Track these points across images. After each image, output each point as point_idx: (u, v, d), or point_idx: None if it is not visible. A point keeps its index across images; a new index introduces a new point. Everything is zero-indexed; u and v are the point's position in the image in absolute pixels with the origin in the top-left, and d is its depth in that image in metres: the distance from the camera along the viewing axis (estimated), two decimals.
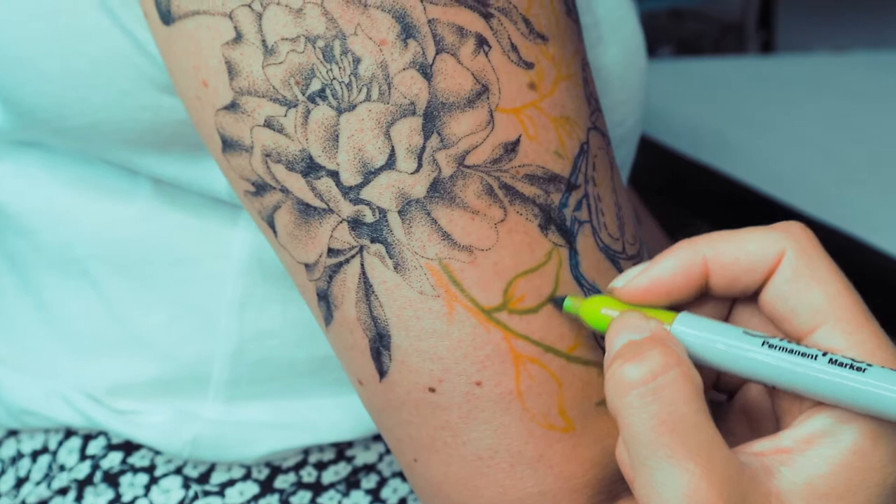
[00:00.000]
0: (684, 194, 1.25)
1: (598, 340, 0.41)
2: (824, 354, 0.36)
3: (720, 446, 0.35)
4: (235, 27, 0.39)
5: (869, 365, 0.35)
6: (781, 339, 0.37)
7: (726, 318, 0.41)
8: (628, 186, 0.91)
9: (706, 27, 2.22)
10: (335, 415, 0.57)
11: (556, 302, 0.40)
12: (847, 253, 0.96)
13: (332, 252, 0.40)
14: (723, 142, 1.15)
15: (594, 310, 0.39)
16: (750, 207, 1.09)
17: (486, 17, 0.39)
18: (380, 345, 0.41)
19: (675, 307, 0.39)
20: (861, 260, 0.95)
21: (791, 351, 0.36)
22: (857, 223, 0.96)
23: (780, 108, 1.27)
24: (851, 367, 0.35)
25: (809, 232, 0.38)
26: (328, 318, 0.42)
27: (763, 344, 0.36)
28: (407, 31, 0.39)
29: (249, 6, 0.39)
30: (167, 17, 0.41)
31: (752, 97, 1.32)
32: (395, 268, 0.39)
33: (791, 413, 0.38)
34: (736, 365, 0.37)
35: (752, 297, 0.39)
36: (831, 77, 1.40)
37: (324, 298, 0.41)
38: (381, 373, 0.41)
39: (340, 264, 0.40)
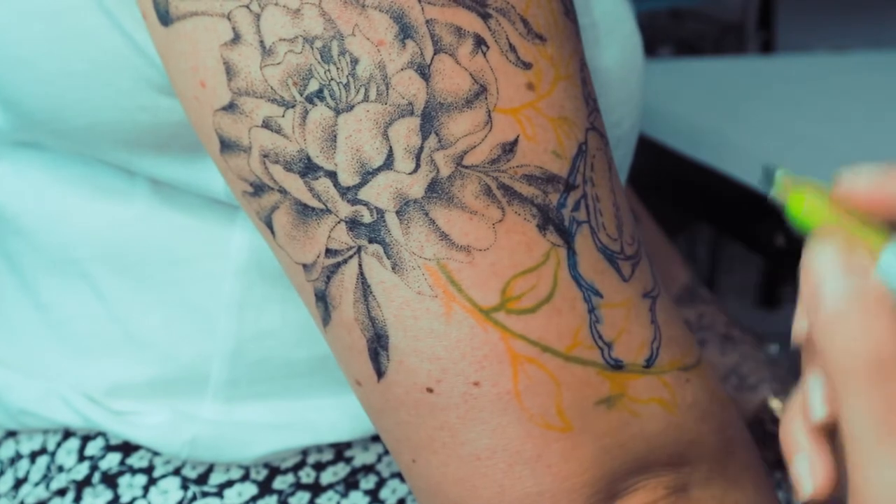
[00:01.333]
0: (684, 194, 1.25)
1: (595, 337, 0.41)
2: None
3: None
4: (233, 28, 0.39)
5: None
6: None
7: None
8: (627, 186, 0.91)
9: (706, 27, 2.22)
10: (334, 415, 0.57)
11: (767, 171, 0.33)
12: None
13: (329, 252, 0.40)
14: (723, 142, 1.15)
15: (799, 201, 0.33)
16: (750, 207, 1.09)
17: (485, 17, 0.40)
18: (378, 345, 0.41)
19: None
20: None
21: None
22: None
23: (780, 108, 1.27)
24: None
25: None
26: (326, 318, 0.42)
27: None
28: (405, 32, 0.39)
29: (247, 7, 0.39)
30: (165, 18, 0.41)
31: (752, 97, 1.32)
32: (393, 268, 0.39)
33: None
34: None
35: None
36: (831, 77, 1.40)
37: (322, 299, 0.41)
38: (379, 373, 0.41)
39: (338, 265, 0.40)
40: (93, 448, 0.57)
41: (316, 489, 0.57)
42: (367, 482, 0.58)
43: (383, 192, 0.39)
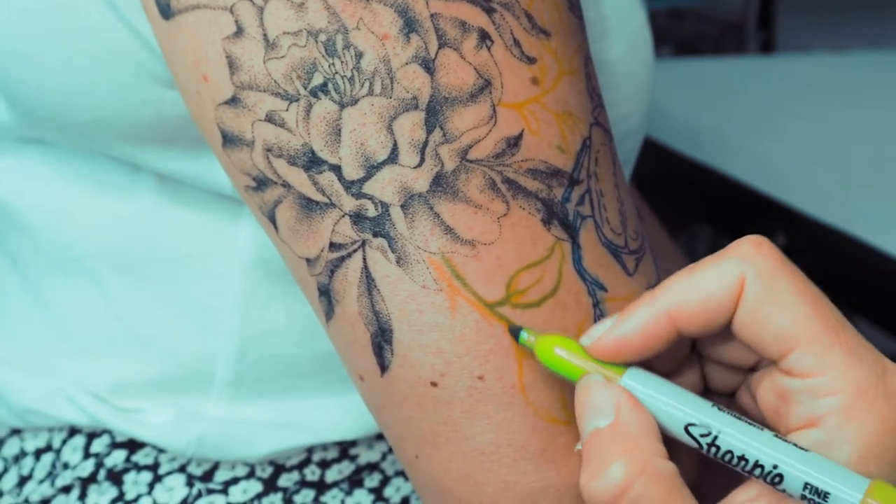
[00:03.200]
0: (684, 194, 1.25)
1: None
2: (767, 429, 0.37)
3: None
4: (236, 21, 0.39)
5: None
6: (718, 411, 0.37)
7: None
8: (631, 184, 0.91)
9: (706, 27, 2.22)
10: (338, 414, 0.57)
11: (513, 331, 0.39)
12: (847, 253, 0.96)
13: (333, 246, 0.40)
14: (723, 142, 1.15)
15: (548, 348, 0.39)
16: (750, 207, 1.09)
17: (489, 11, 0.40)
18: (381, 339, 0.41)
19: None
20: (861, 260, 0.95)
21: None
22: (857, 223, 0.96)
23: (780, 108, 1.27)
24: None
25: (766, 247, 0.37)
26: (329, 313, 0.42)
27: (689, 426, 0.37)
28: (409, 26, 0.39)
29: (250, 0, 0.39)
30: (166, 12, 0.41)
31: (752, 97, 1.32)
32: (397, 262, 0.39)
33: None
34: (674, 428, 0.37)
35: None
36: (831, 77, 1.40)
37: (325, 293, 0.41)
38: (383, 367, 0.41)
39: (342, 258, 0.40)
40: (98, 445, 0.57)
41: (321, 487, 0.57)
42: (372, 480, 0.59)
43: (388, 185, 0.39)
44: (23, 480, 0.59)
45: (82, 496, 0.57)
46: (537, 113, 0.40)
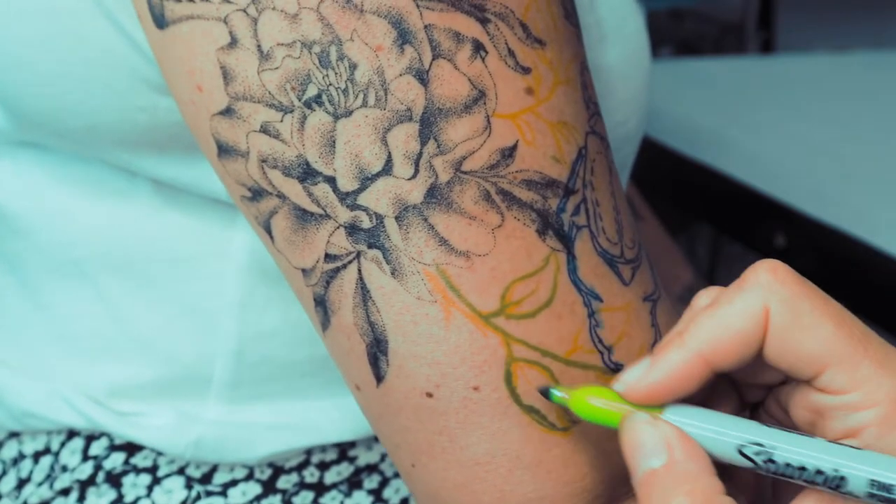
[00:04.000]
0: (684, 194, 1.25)
1: (595, 341, 0.42)
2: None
3: None
4: (230, 32, 0.39)
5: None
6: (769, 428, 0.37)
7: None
8: (631, 185, 0.91)
9: (706, 27, 2.21)
10: (337, 415, 0.57)
11: (543, 392, 0.40)
12: (847, 253, 0.96)
13: (329, 258, 0.40)
14: (723, 142, 1.15)
15: (583, 400, 0.39)
16: (750, 207, 1.09)
17: (483, 22, 0.40)
18: (377, 350, 0.41)
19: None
20: (861, 260, 0.95)
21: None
22: (857, 223, 0.96)
23: (780, 108, 1.26)
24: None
25: (782, 271, 0.38)
26: (325, 323, 0.42)
27: (743, 445, 0.37)
28: (403, 37, 0.39)
29: (244, 11, 0.39)
30: (161, 21, 0.41)
31: (752, 97, 1.32)
32: (392, 273, 0.39)
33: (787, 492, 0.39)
34: (727, 459, 0.38)
35: None
36: (831, 77, 1.40)
37: (321, 304, 0.42)
38: (379, 378, 0.41)
39: (337, 270, 0.40)
40: (97, 448, 0.58)
41: (320, 488, 0.57)
42: (371, 481, 0.59)
43: (382, 197, 0.39)
44: (21, 483, 0.59)
45: (81, 499, 0.57)
46: (532, 123, 0.40)
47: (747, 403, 0.42)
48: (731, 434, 0.37)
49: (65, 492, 0.57)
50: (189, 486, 0.56)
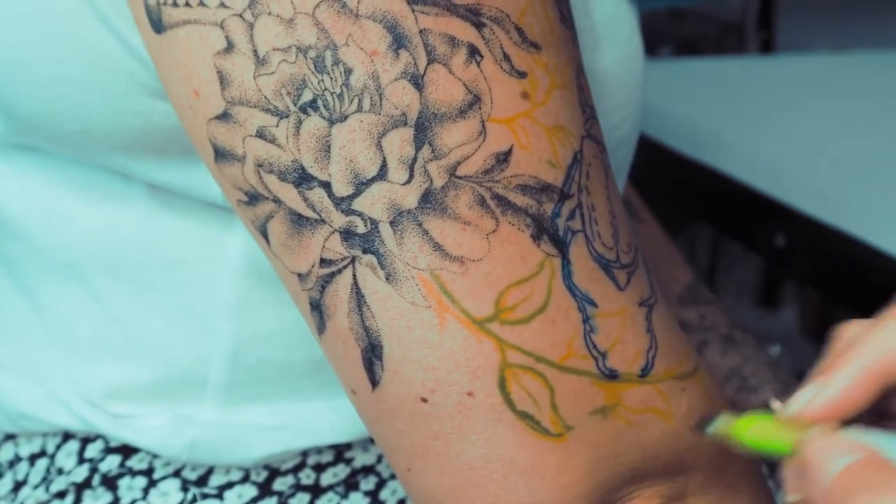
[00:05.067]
0: (684, 194, 1.24)
1: (589, 347, 0.41)
2: None
3: None
4: (227, 37, 0.39)
5: None
6: None
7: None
8: (629, 185, 0.91)
9: (706, 27, 2.21)
10: (333, 417, 0.57)
11: (702, 423, 0.39)
12: (847, 253, 0.96)
13: (324, 262, 0.40)
14: (723, 142, 1.15)
15: (745, 429, 0.38)
16: (750, 207, 1.09)
17: (478, 26, 0.39)
18: (372, 355, 0.41)
19: None
20: (861, 260, 0.95)
21: None
22: (857, 223, 0.96)
23: (780, 108, 1.26)
24: None
25: None
26: (321, 327, 0.42)
27: None
28: (398, 42, 0.39)
29: (241, 16, 0.39)
30: (158, 26, 0.41)
31: (752, 97, 1.32)
32: (386, 278, 0.39)
33: None
34: None
35: None
36: (831, 77, 1.40)
37: (316, 308, 0.42)
38: (374, 383, 0.41)
39: (332, 274, 0.40)
40: (92, 450, 0.58)
41: (316, 490, 0.57)
42: (368, 483, 0.59)
43: (377, 202, 0.39)
44: (18, 486, 0.59)
45: (77, 501, 0.57)
46: (527, 128, 0.40)
47: None
48: None
49: (61, 494, 0.57)
50: (185, 489, 0.56)
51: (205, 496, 0.56)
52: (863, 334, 0.37)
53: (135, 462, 0.57)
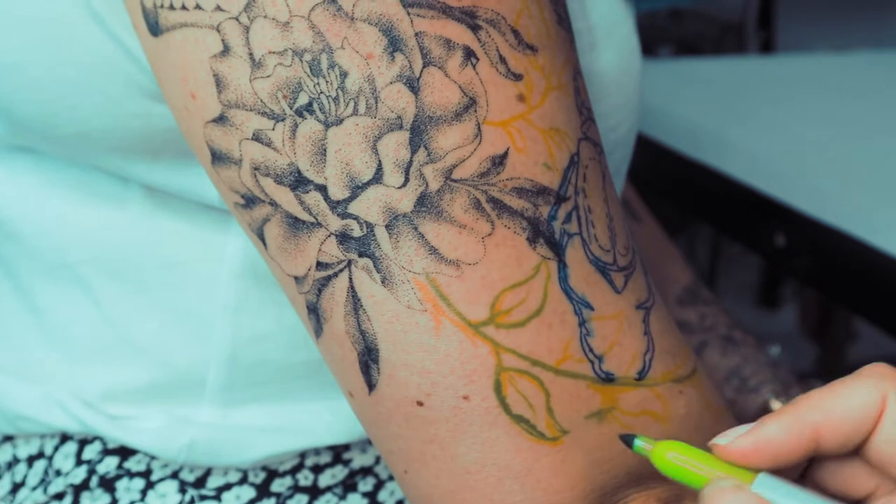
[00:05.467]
0: (684, 194, 1.24)
1: (586, 350, 0.41)
2: None
3: None
4: (223, 40, 0.39)
5: None
6: None
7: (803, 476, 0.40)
8: (629, 185, 0.91)
9: (706, 27, 2.21)
10: (331, 418, 0.57)
11: (625, 440, 0.39)
12: (847, 253, 0.96)
13: (320, 265, 0.40)
14: (723, 142, 1.15)
15: (662, 454, 0.38)
16: (750, 207, 1.09)
17: (474, 29, 0.39)
18: (368, 358, 0.41)
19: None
20: (861, 260, 0.95)
21: None
22: (857, 223, 0.96)
23: (780, 108, 1.26)
24: None
25: None
26: (318, 330, 0.42)
27: None
28: (394, 45, 0.39)
29: (236, 19, 0.39)
30: (155, 29, 0.41)
31: (752, 97, 1.31)
32: (382, 282, 0.39)
33: None
34: None
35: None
36: (831, 77, 1.40)
37: (313, 311, 0.42)
38: (370, 386, 0.41)
39: (329, 278, 0.40)
40: (90, 452, 0.58)
41: (314, 492, 0.57)
42: (366, 484, 0.59)
43: (373, 206, 0.39)
44: (16, 487, 0.59)
45: (75, 503, 0.57)
46: (523, 130, 0.40)
47: None
48: None
49: (59, 496, 0.57)
50: (183, 490, 0.56)
51: (203, 498, 0.56)
52: (813, 394, 0.38)
53: (133, 463, 0.57)
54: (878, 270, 0.94)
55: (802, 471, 0.40)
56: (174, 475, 0.57)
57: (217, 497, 0.56)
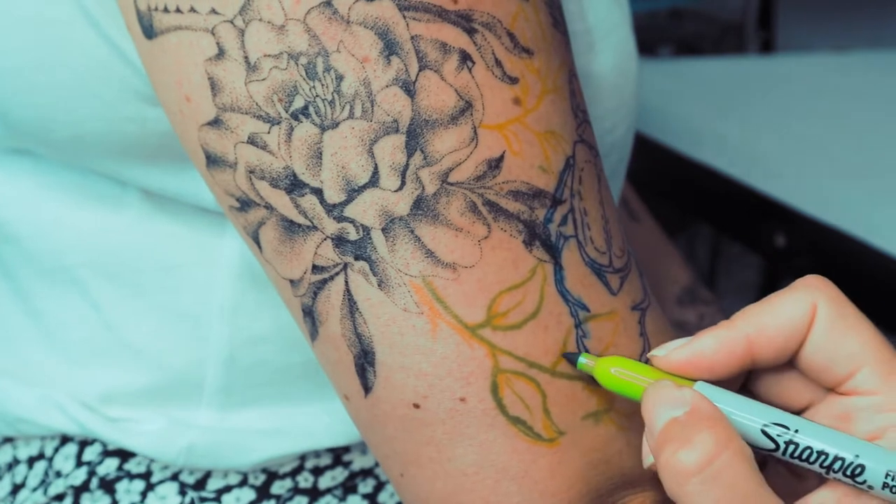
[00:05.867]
0: (684, 194, 1.25)
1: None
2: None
3: None
4: (218, 43, 0.39)
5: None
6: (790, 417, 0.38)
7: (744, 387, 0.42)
8: (628, 185, 0.91)
9: (706, 27, 2.21)
10: (330, 420, 0.57)
11: (569, 358, 0.40)
12: (847, 253, 0.96)
13: (316, 269, 0.40)
14: (723, 142, 1.15)
15: (605, 369, 0.40)
16: (750, 207, 1.09)
17: (470, 32, 0.39)
18: (364, 361, 0.41)
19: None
20: (861, 260, 0.95)
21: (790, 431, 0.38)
22: (857, 223, 0.96)
23: (780, 108, 1.26)
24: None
25: (828, 281, 0.39)
26: (314, 333, 0.42)
27: (770, 425, 0.38)
28: (390, 48, 0.39)
29: (231, 22, 0.39)
30: (149, 31, 0.41)
31: (752, 97, 1.32)
32: (378, 285, 0.39)
33: None
34: (749, 438, 0.38)
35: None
36: (831, 77, 1.40)
37: (309, 314, 0.42)
38: (366, 389, 0.41)
39: (325, 281, 0.40)
40: (90, 453, 0.58)
41: (314, 494, 0.58)
42: (366, 486, 0.59)
43: (369, 209, 0.39)
44: (16, 488, 0.59)
45: None
46: (519, 133, 0.40)
47: None
48: (756, 412, 0.38)
49: (59, 497, 0.57)
50: (183, 493, 0.56)
51: (203, 500, 0.56)
52: (747, 308, 0.39)
53: (133, 465, 0.57)
54: (878, 270, 0.94)
55: (742, 385, 0.41)
56: (174, 477, 0.57)
57: (217, 499, 0.57)
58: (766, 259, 1.34)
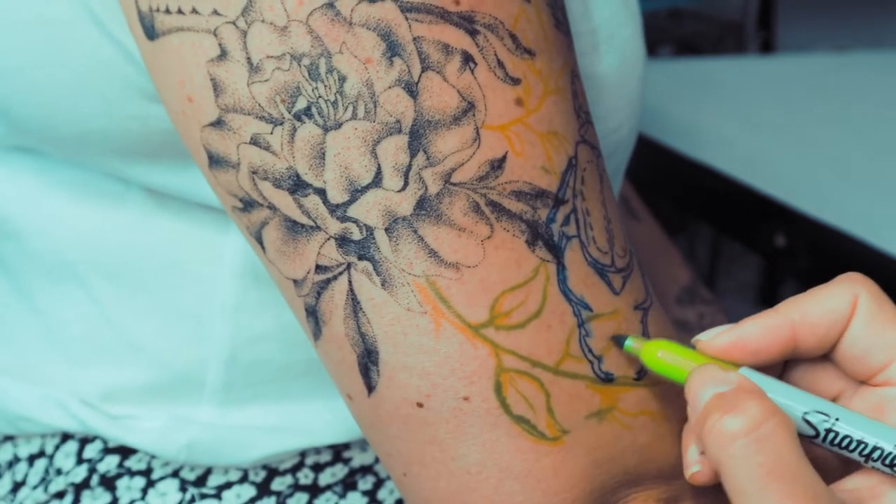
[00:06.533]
0: (684, 194, 1.24)
1: (585, 351, 0.42)
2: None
3: (823, 488, 0.36)
4: (220, 44, 0.39)
5: None
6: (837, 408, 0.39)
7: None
8: (629, 184, 0.91)
9: (706, 27, 2.21)
10: (331, 417, 0.57)
11: (617, 340, 0.41)
12: (847, 253, 0.96)
13: (319, 269, 0.40)
14: (723, 142, 1.15)
15: (653, 352, 0.41)
16: (750, 207, 1.09)
17: (472, 33, 0.40)
18: (368, 360, 0.41)
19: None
20: (861, 260, 0.95)
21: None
22: (857, 223, 0.96)
23: (780, 108, 1.26)
24: None
25: (871, 279, 0.41)
26: (317, 333, 0.42)
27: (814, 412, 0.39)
28: (392, 49, 0.39)
29: (234, 24, 0.39)
30: (151, 32, 0.41)
31: (752, 97, 1.31)
32: (382, 285, 0.40)
33: None
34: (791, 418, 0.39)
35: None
36: (831, 77, 1.40)
37: (312, 314, 0.42)
38: (370, 388, 0.41)
39: (328, 281, 0.40)
40: (91, 451, 0.58)
41: (314, 490, 0.58)
42: (366, 483, 0.59)
43: (372, 209, 0.39)
44: (17, 486, 0.59)
45: (76, 502, 0.57)
46: (522, 134, 0.40)
47: None
48: (799, 399, 0.39)
49: (59, 495, 0.57)
50: (183, 489, 0.57)
51: (203, 496, 0.57)
52: (792, 298, 0.41)
53: (133, 462, 0.57)
54: (878, 270, 0.94)
55: (777, 376, 0.42)
56: (175, 474, 0.57)
57: (217, 495, 0.57)
58: (766, 259, 1.34)
